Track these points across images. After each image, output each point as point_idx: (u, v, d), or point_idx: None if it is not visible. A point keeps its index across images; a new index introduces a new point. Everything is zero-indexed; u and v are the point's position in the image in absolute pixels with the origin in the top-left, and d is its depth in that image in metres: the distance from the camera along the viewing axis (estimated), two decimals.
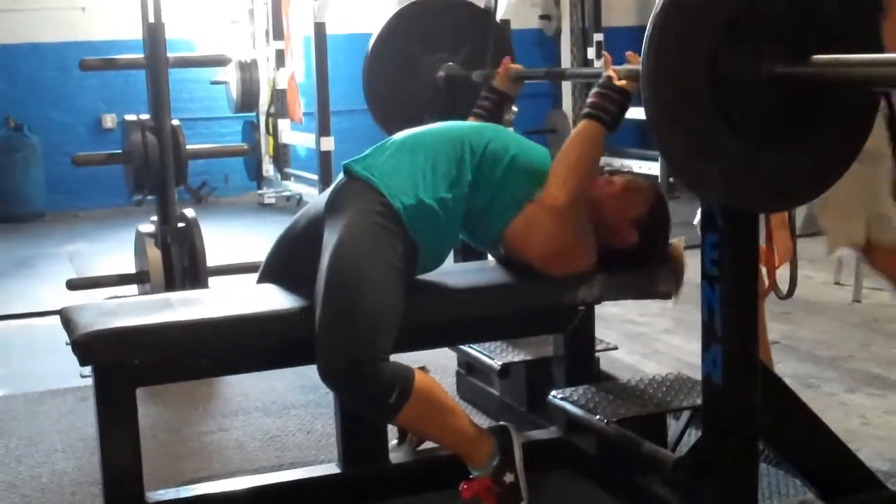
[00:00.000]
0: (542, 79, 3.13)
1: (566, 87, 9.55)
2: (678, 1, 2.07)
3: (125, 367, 2.57)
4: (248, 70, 8.62)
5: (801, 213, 3.14)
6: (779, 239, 2.66)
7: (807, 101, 2.16)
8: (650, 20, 2.08)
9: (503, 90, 3.24)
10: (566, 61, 9.59)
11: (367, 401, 2.59)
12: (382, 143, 2.84)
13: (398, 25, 3.60)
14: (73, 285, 4.78)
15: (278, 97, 9.05)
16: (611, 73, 2.67)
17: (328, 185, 2.86)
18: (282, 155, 9.31)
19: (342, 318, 2.52)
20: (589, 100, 2.72)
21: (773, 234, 2.64)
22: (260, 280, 2.94)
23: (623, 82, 2.66)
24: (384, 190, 2.67)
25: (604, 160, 8.88)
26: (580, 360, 3.14)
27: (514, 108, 3.35)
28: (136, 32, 4.85)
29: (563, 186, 2.69)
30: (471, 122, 3.12)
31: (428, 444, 3.01)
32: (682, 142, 2.14)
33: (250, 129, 9.46)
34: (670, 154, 2.18)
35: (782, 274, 2.69)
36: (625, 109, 2.69)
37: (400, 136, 2.85)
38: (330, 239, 2.63)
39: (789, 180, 2.22)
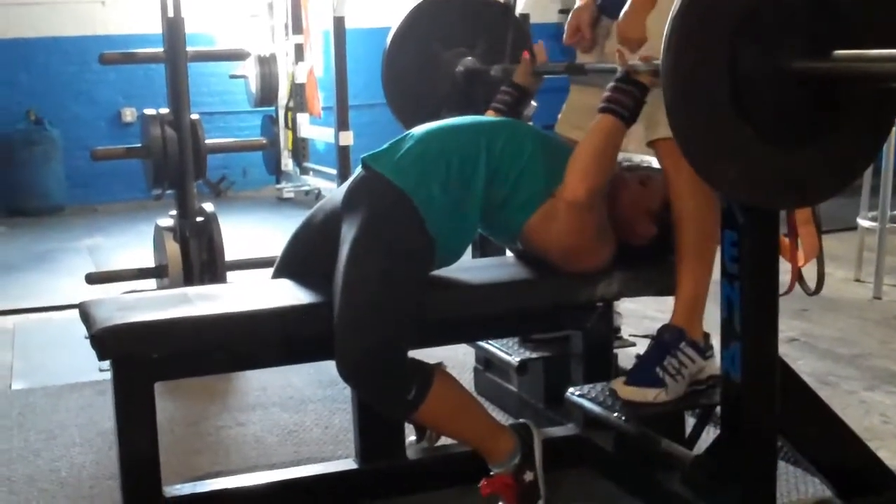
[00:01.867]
0: (563, 73, 3.10)
1: None
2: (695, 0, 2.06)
3: (143, 361, 2.57)
4: (267, 64, 8.61)
5: None
6: (805, 235, 2.64)
7: (827, 96, 2.15)
8: (668, 20, 2.07)
9: (523, 85, 3.22)
10: None
11: (385, 398, 2.60)
12: (401, 137, 2.83)
13: (416, 20, 3.58)
14: (92, 279, 4.80)
15: (297, 91, 9.05)
16: (628, 68, 2.64)
17: (347, 180, 2.86)
18: (300, 149, 9.31)
19: (360, 314, 2.52)
20: (606, 94, 2.67)
21: (798, 230, 2.63)
22: (275, 274, 2.93)
23: (641, 76, 2.61)
24: (402, 184, 2.66)
25: (622, 155, 8.84)
26: (598, 357, 3.12)
27: (534, 103, 3.34)
28: (155, 26, 4.84)
29: (581, 182, 2.65)
30: (489, 117, 3.10)
31: (445, 440, 3.00)
32: (701, 139, 2.12)
33: (269, 123, 9.46)
34: (690, 152, 2.16)
35: (808, 271, 2.68)
36: (641, 104, 2.64)
37: (418, 130, 2.84)
38: (348, 234, 2.63)
39: (810, 176, 2.21)
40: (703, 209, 2.74)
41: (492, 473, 2.69)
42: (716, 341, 2.49)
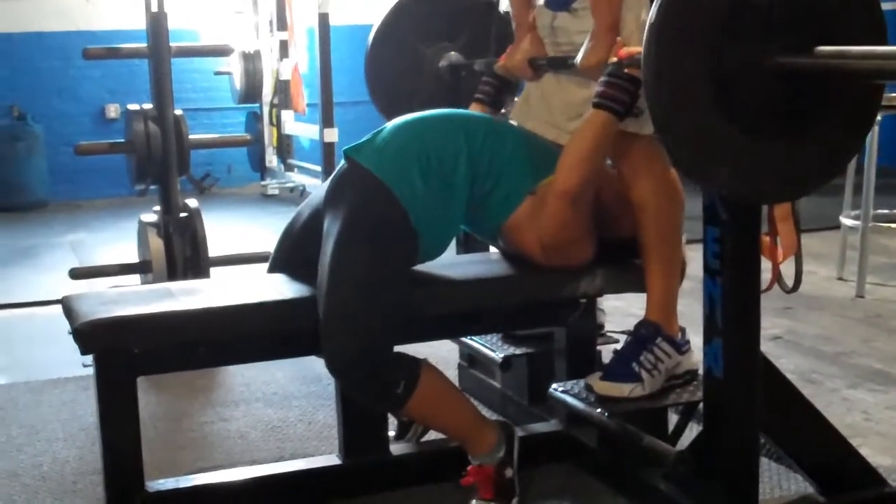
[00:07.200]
0: (547, 67, 3.07)
1: None
2: None
3: (126, 355, 2.57)
4: (251, 61, 8.60)
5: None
6: (783, 232, 2.65)
7: (810, 92, 2.16)
8: (648, 20, 2.07)
9: (505, 75, 3.19)
10: None
11: (374, 392, 2.60)
12: (379, 129, 2.81)
13: (398, 17, 3.57)
14: (75, 274, 4.78)
15: (282, 88, 9.03)
16: (616, 58, 2.61)
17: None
18: (285, 146, 9.30)
19: (346, 309, 2.52)
20: (599, 89, 2.62)
21: (777, 227, 2.64)
22: (269, 272, 2.93)
23: (633, 69, 2.54)
24: (385, 178, 2.66)
25: None
26: (582, 353, 3.13)
27: (516, 98, 3.33)
28: (139, 22, 4.83)
29: (573, 173, 2.64)
30: (470, 112, 3.09)
31: (430, 436, 3.01)
32: (691, 143, 2.13)
33: (253, 119, 9.45)
34: (680, 156, 2.17)
35: (786, 269, 2.69)
36: (636, 97, 2.58)
37: (397, 122, 2.83)
38: (332, 228, 2.63)
39: (794, 171, 2.22)
40: (665, 203, 2.76)
41: (475, 465, 2.71)
42: (697, 337, 2.50)
